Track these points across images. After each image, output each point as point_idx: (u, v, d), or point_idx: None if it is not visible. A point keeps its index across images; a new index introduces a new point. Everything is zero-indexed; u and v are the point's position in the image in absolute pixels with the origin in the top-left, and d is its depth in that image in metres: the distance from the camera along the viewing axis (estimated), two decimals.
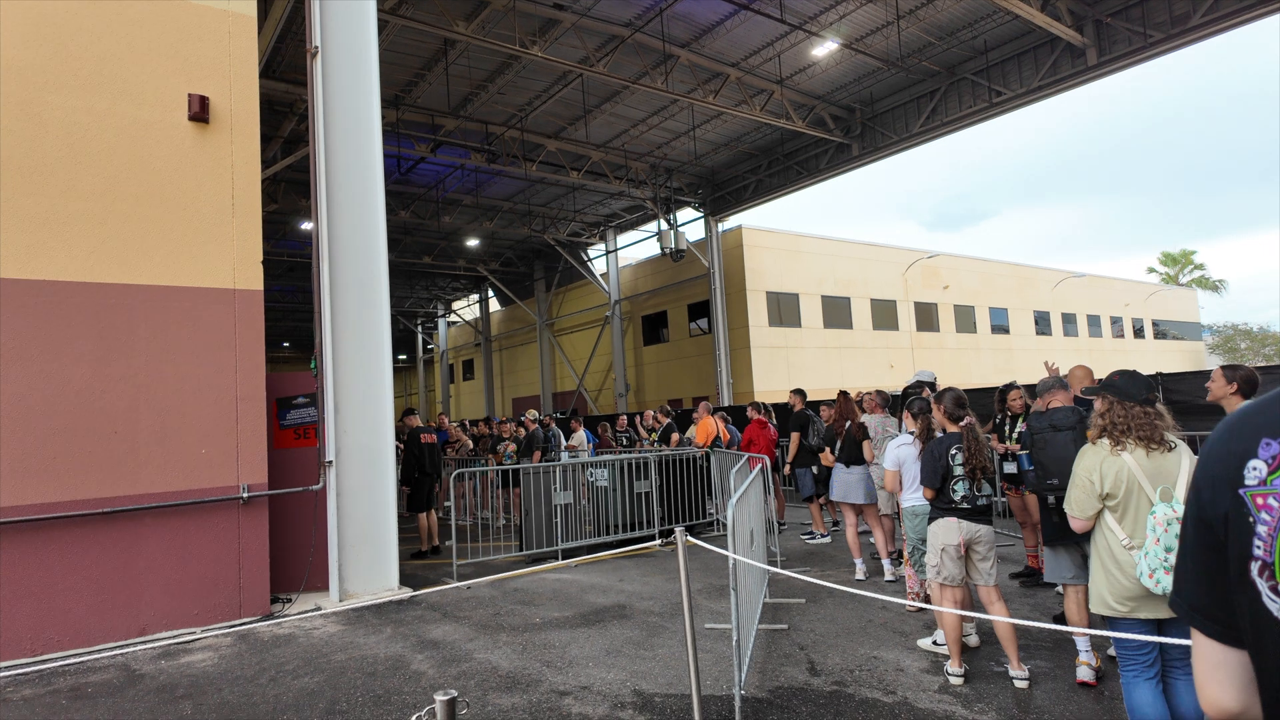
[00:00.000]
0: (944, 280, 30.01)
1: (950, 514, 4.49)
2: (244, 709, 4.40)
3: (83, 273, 6.00)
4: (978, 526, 4.46)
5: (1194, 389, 9.04)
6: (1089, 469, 3.27)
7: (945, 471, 4.51)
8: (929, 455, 4.64)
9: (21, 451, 5.63)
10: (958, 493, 4.48)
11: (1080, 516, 3.29)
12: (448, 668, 4.99)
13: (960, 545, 4.43)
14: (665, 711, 4.13)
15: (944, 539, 4.48)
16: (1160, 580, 2.94)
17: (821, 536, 9.04)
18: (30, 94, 5.93)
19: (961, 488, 4.48)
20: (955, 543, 4.44)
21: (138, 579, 5.98)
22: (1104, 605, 3.20)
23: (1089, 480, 3.25)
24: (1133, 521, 3.14)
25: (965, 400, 4.70)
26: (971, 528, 4.45)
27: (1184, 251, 55.04)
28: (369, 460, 7.13)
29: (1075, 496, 3.31)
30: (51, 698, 4.73)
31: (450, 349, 41.56)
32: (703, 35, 14.62)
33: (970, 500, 4.47)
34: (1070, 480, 3.39)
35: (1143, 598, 3.06)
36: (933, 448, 4.65)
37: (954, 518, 4.47)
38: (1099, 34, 13.91)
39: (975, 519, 4.47)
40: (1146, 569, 2.98)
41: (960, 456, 4.50)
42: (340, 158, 7.27)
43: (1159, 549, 2.96)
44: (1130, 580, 3.08)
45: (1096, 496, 3.21)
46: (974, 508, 4.48)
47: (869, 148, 18.25)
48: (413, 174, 20.16)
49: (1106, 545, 3.20)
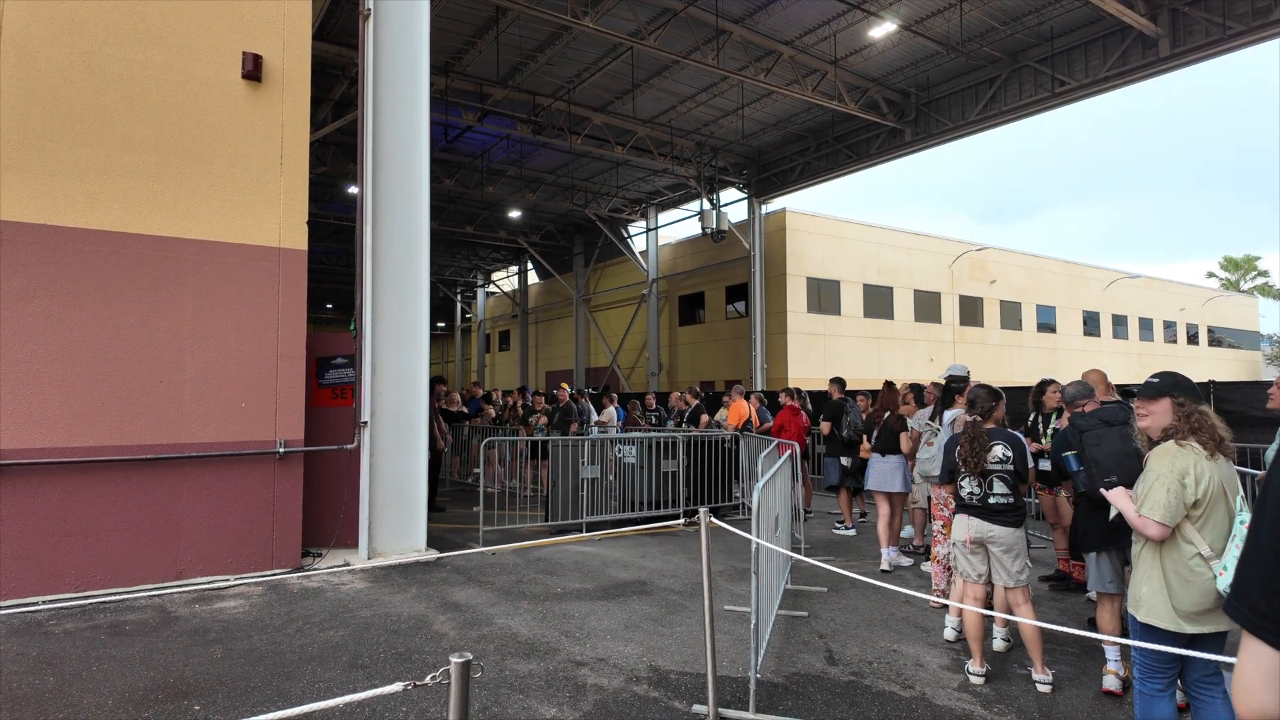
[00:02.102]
0: (991, 274, 29.29)
1: (962, 511, 4.52)
2: (271, 656, 4.53)
3: (136, 224, 6.14)
4: (991, 527, 4.37)
5: (1248, 399, 8.71)
6: (1182, 471, 2.93)
7: (953, 468, 4.58)
8: (944, 451, 4.72)
9: (72, 396, 5.83)
10: (964, 489, 4.48)
11: (1169, 523, 2.94)
12: (468, 630, 5.07)
13: (968, 543, 4.43)
14: (680, 689, 4.14)
15: (955, 534, 4.56)
16: None
17: (848, 528, 8.96)
18: (94, 46, 6.05)
19: (969, 485, 4.45)
20: (962, 539, 4.47)
21: (176, 525, 6.18)
22: (1172, 621, 2.95)
23: (1180, 483, 2.92)
24: (1213, 531, 2.92)
25: (982, 396, 4.62)
26: (982, 526, 4.39)
27: (1248, 257, 52.96)
28: (402, 422, 7.24)
29: (1164, 500, 2.94)
30: (92, 633, 4.93)
31: (488, 319, 41.96)
32: (757, 11, 14.33)
33: (981, 499, 4.41)
34: (1148, 481, 3.05)
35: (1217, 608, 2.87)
36: (948, 444, 4.72)
37: (964, 515, 4.49)
38: (1174, 23, 13.30)
39: (987, 518, 4.40)
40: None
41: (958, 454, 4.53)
42: (387, 122, 7.31)
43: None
44: (1205, 591, 2.88)
45: (1187, 501, 2.93)
46: (984, 506, 4.41)
47: (922, 134, 17.79)
48: (459, 143, 20.23)
49: (1181, 556, 2.95)
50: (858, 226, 25.61)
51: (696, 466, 9.52)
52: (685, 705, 3.93)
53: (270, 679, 4.18)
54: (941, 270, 27.66)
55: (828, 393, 9.46)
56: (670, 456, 9.29)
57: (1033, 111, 15.76)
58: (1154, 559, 3.06)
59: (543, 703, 3.93)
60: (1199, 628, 2.92)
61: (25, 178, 5.75)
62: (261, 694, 3.98)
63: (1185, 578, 2.94)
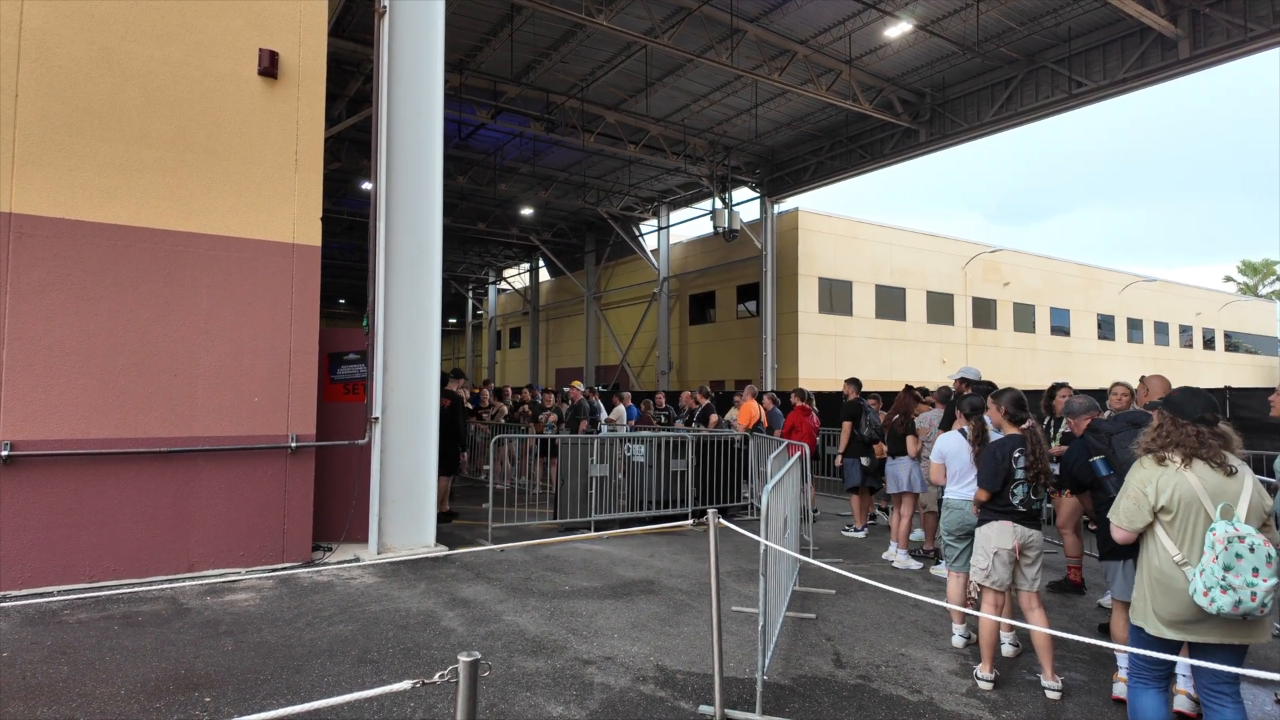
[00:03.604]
0: (1005, 276, 29.08)
1: (1006, 517, 4.39)
2: (281, 650, 4.57)
3: (153, 219, 6.20)
4: (1031, 531, 4.39)
5: (1264, 405, 8.59)
6: (1143, 480, 3.17)
7: (1007, 474, 4.38)
8: (990, 456, 4.45)
9: (88, 388, 5.89)
10: (1016, 496, 4.38)
11: (1127, 528, 3.19)
12: (476, 627, 5.10)
13: (1015, 549, 4.35)
14: (686, 689, 4.15)
15: (998, 542, 4.37)
16: (1216, 600, 2.82)
17: (858, 530, 8.93)
18: (113, 42, 6.11)
19: (1021, 491, 4.38)
20: (1010, 546, 4.35)
21: (189, 518, 6.23)
22: (1151, 624, 3.10)
23: (1142, 492, 3.15)
24: (1188, 538, 3.02)
25: (1025, 401, 4.56)
26: (1026, 532, 4.37)
27: (1266, 261, 52.39)
28: (413, 419, 7.27)
29: (1124, 507, 3.22)
30: (105, 623, 4.99)
31: (499, 316, 42.06)
32: (772, 10, 14.28)
33: (1027, 504, 4.37)
34: (1122, 490, 3.29)
35: (1196, 621, 2.96)
36: (994, 449, 4.46)
37: (1009, 521, 4.37)
38: (1194, 25, 13.15)
39: (1029, 523, 4.39)
40: (1201, 586, 2.86)
41: (1023, 460, 4.38)
42: (402, 119, 7.34)
43: (1216, 567, 2.84)
44: (1181, 600, 2.98)
45: (1149, 509, 3.11)
46: (1029, 511, 4.39)
47: (937, 135, 17.68)
48: (472, 140, 20.28)
49: (1156, 561, 3.10)
50: (871, 227, 25.48)
51: (706, 466, 9.52)
52: (692, 706, 3.93)
53: (280, 672, 4.21)
54: (955, 271, 27.49)
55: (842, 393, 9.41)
56: (680, 456, 9.29)
57: (1050, 113, 15.63)
58: (1144, 563, 3.19)
59: (550, 700, 3.95)
60: (1181, 636, 3.03)
61: (45, 172, 5.81)
62: (271, 686, 4.02)
63: (1163, 583, 3.06)
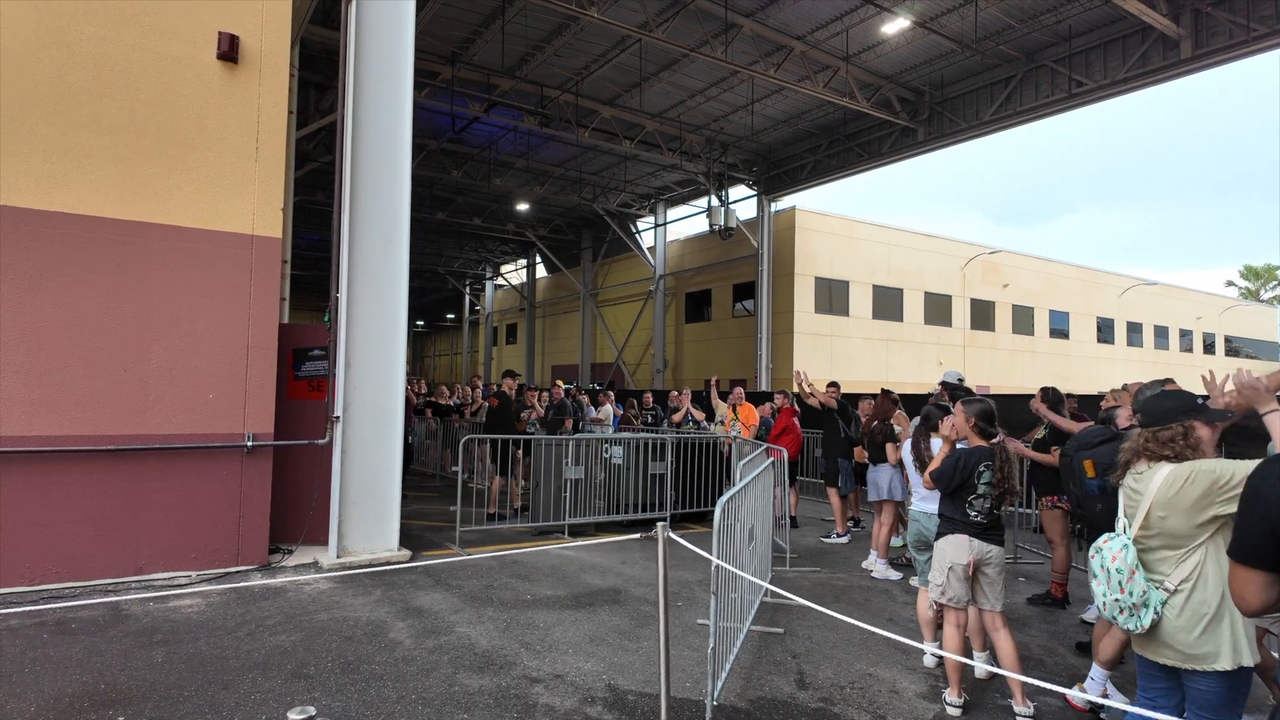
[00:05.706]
0: (1004, 278, 28.79)
1: (962, 530, 4.15)
2: (213, 663, 4.33)
3: (103, 207, 5.96)
4: (989, 547, 4.13)
5: None
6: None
7: (964, 483, 4.16)
8: (952, 461, 4.22)
9: (31, 382, 5.65)
10: (974, 509, 4.14)
11: None
12: (425, 639, 4.86)
13: (969, 565, 4.10)
14: (636, 711, 3.91)
15: (953, 557, 4.15)
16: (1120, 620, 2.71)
17: (840, 537, 8.69)
18: (62, 22, 5.87)
19: (980, 504, 4.13)
20: (964, 562, 4.11)
21: (138, 519, 6.00)
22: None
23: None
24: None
25: (995, 415, 4.31)
26: (983, 547, 4.12)
27: (1269, 266, 52.00)
28: (378, 418, 7.02)
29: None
30: (35, 630, 4.75)
31: (495, 312, 41.82)
32: (768, 5, 14.00)
33: (986, 514, 4.12)
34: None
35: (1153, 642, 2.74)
36: (958, 456, 4.22)
37: (965, 535, 4.14)
38: (1197, 24, 12.87)
39: (987, 537, 4.13)
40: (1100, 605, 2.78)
41: (989, 475, 4.13)
42: (369, 107, 7.08)
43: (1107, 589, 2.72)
44: None
45: None
46: (989, 523, 4.14)
47: (936, 133, 17.39)
48: (466, 134, 20.01)
49: None
50: (868, 226, 25.20)
51: (686, 469, 9.27)
52: None
53: (205, 688, 3.98)
54: (953, 273, 27.21)
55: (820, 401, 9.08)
56: (659, 459, 9.05)
57: (1050, 113, 15.35)
58: None
59: None
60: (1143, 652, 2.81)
61: None
62: (193, 704, 3.78)
63: None
